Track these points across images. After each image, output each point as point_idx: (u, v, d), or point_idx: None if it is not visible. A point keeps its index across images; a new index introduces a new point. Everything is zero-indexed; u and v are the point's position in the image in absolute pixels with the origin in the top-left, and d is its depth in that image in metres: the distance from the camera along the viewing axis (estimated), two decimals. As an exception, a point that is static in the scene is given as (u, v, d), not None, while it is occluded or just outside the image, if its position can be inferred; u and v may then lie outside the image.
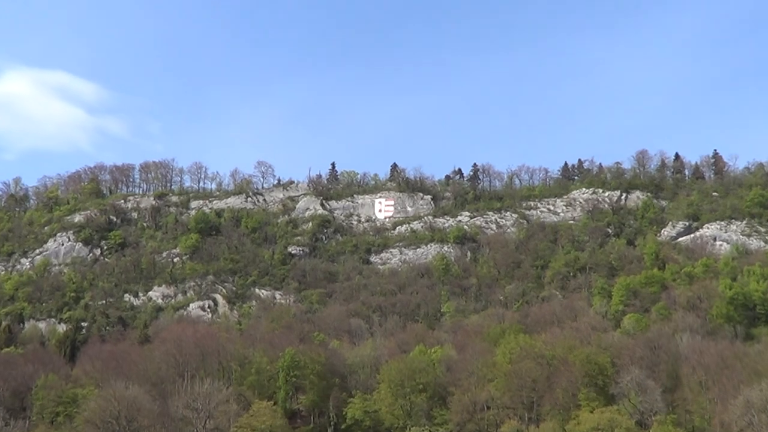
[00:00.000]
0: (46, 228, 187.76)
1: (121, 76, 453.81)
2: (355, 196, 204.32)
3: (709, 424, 79.05)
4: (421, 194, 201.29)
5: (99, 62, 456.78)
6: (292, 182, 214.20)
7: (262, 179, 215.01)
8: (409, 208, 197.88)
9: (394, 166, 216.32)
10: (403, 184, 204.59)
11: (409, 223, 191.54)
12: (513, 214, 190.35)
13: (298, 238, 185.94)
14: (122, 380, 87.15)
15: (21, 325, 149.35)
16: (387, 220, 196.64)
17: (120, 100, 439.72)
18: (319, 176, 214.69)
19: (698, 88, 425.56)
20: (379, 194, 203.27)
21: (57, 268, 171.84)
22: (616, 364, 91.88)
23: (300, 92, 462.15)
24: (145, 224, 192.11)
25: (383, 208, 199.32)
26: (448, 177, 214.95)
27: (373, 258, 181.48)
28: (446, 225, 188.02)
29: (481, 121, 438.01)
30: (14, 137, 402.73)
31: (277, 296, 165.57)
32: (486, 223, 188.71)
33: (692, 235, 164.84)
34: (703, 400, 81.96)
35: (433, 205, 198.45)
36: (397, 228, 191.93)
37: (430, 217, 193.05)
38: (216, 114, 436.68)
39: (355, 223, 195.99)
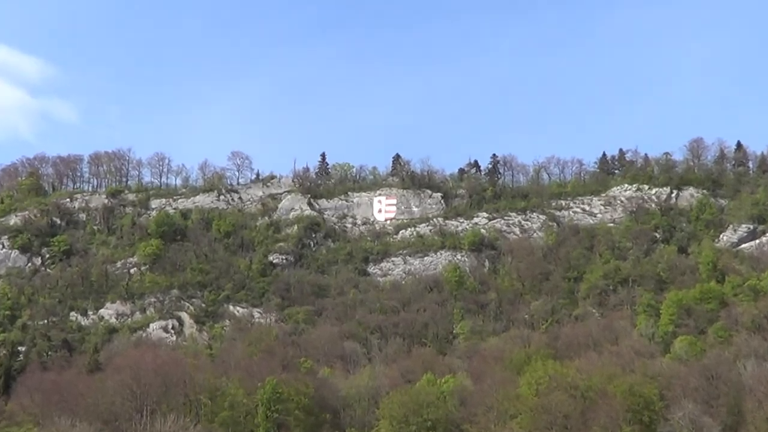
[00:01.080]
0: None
1: (71, 50, 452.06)
2: (349, 193, 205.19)
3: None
4: (429, 191, 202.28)
5: (44, 32, 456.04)
6: (273, 177, 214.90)
7: (237, 173, 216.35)
8: (414, 208, 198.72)
9: (397, 158, 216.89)
10: (407, 179, 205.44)
11: (414, 227, 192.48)
12: (540, 216, 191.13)
13: (281, 244, 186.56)
14: (67, 417, 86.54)
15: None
16: (388, 222, 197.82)
17: (70, 79, 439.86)
18: (307, 170, 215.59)
19: (766, 64, 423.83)
20: (378, 191, 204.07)
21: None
22: (665, 396, 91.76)
23: (283, 69, 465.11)
24: (95, 228, 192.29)
25: (384, 208, 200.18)
26: (461, 171, 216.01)
27: (372, 268, 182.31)
28: (460, 228, 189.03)
29: (502, 103, 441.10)
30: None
31: (256, 314, 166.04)
32: (508, 226, 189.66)
33: (757, 241, 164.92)
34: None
35: (443, 205, 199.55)
36: (401, 232, 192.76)
37: (440, 219, 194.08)
38: (184, 95, 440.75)
39: (349, 226, 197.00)
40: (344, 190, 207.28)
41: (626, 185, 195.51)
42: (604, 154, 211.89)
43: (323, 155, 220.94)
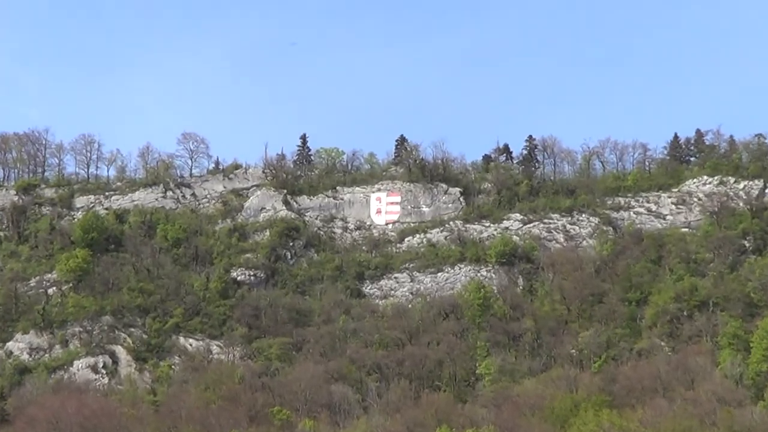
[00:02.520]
0: None
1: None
2: (339, 188, 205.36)
3: None
4: (444, 186, 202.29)
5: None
6: (238, 167, 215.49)
7: (190, 162, 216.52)
8: (425, 208, 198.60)
9: (402, 142, 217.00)
10: (415, 169, 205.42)
11: (425, 232, 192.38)
12: (592, 218, 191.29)
13: (248, 255, 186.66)
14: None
15: None
16: (390, 227, 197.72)
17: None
18: (282, 157, 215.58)
19: None
20: (377, 185, 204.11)
21: None
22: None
23: (251, 25, 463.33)
24: (1, 234, 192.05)
25: (384, 207, 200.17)
26: (487, 158, 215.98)
27: (368, 287, 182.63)
28: (485, 235, 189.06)
29: (540, 68, 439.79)
30: None
31: (215, 349, 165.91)
32: (549, 231, 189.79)
33: None
34: None
35: (463, 203, 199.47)
36: (407, 240, 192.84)
37: (459, 223, 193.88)
38: (120, 60, 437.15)
39: (339, 231, 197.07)
40: (332, 183, 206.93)
41: (705, 177, 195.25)
42: (676, 137, 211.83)
43: (304, 138, 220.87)
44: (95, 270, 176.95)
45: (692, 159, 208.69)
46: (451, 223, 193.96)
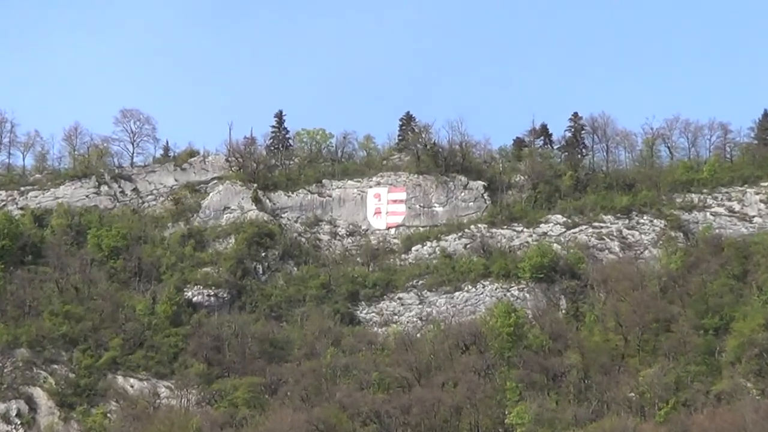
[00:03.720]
0: None
1: None
2: (325, 182, 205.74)
3: None
4: (463, 178, 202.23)
5: None
6: (193, 154, 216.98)
7: (131, 147, 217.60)
8: (438, 208, 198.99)
9: (408, 121, 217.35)
10: (426, 157, 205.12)
11: (438, 239, 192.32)
12: (656, 221, 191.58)
13: (208, 270, 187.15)
14: None
15: None
16: (393, 231, 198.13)
17: None
18: (252, 141, 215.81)
19: None
20: (376, 178, 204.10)
21: None
22: None
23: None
24: None
25: (385, 206, 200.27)
26: (519, 143, 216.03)
27: (364, 311, 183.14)
28: (516, 243, 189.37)
29: (589, 26, 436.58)
30: None
31: (164, 391, 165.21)
32: (600, 238, 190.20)
33: None
34: None
35: (488, 202, 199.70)
36: (415, 249, 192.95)
37: (482, 227, 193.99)
38: (37, 18, 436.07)
39: (325, 237, 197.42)
40: (316, 176, 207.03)
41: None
42: (766, 115, 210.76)
43: (280, 116, 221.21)
44: (7, 288, 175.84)
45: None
46: (472, 227, 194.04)
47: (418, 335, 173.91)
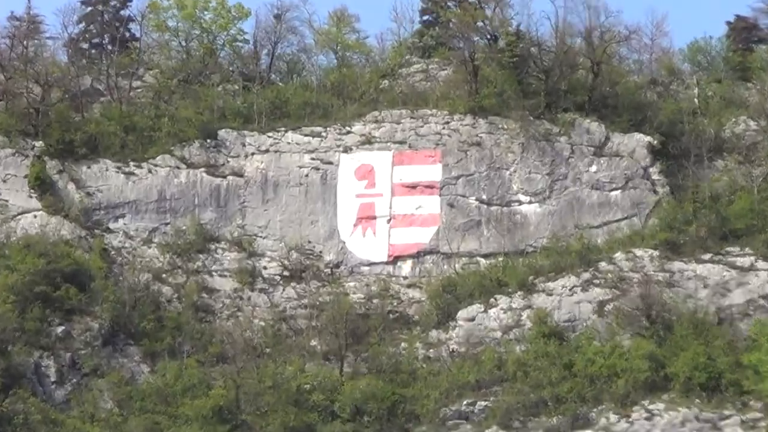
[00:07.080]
0: None
1: None
2: (237, 132, 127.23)
3: None
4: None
5: None
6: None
7: None
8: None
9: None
10: (505, 59, 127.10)
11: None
12: None
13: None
14: None
15: None
16: (409, 267, 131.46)
17: None
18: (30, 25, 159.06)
19: None
20: (360, 123, 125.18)
21: None
22: None
23: None
24: None
25: (386, 204, 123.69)
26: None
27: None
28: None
29: None
30: None
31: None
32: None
33: None
34: None
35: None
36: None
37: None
38: None
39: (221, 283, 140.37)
40: (213, 122, 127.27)
41: None
42: None
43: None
44: None
45: None
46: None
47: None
